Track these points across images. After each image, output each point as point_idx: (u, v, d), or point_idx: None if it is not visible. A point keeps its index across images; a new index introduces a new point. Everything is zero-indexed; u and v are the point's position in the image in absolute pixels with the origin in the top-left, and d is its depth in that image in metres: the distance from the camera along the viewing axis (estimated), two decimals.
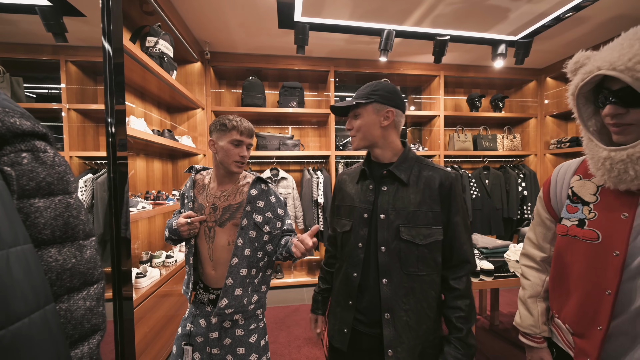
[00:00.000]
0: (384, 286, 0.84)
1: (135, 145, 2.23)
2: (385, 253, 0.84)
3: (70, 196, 0.46)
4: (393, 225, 0.84)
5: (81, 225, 0.47)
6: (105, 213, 1.69)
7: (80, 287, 0.45)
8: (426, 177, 0.85)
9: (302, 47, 2.46)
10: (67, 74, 1.70)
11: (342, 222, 0.94)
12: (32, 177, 0.42)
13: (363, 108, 0.88)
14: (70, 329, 0.43)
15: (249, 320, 1.13)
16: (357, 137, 0.89)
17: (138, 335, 1.53)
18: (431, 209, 0.83)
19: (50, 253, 0.42)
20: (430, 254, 0.83)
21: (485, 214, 3.32)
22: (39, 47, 1.67)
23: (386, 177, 0.88)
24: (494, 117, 3.48)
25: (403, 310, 0.83)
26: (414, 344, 0.83)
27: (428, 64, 3.24)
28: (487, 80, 3.62)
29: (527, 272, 0.89)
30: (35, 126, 0.44)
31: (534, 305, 0.84)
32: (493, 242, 2.02)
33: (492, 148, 3.47)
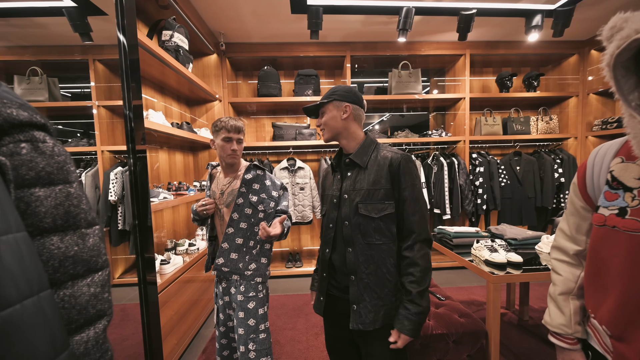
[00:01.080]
0: (349, 254, 1.00)
1: (158, 139, 2.32)
2: (348, 226, 1.00)
3: (71, 185, 0.47)
4: (353, 203, 0.99)
5: (82, 214, 0.48)
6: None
7: (85, 274, 0.47)
8: (379, 159, 1.00)
9: (315, 31, 2.38)
10: (95, 73, 1.78)
11: (324, 208, 1.14)
12: (32, 167, 0.42)
13: (326, 106, 1.05)
14: (75, 314, 0.44)
15: (248, 289, 1.29)
16: (325, 130, 1.06)
17: (164, 317, 1.63)
18: (384, 186, 0.97)
19: (53, 241, 0.43)
20: (385, 225, 0.97)
21: (516, 203, 3.11)
22: (69, 48, 1.76)
23: (349, 164, 1.04)
24: (527, 98, 3.20)
25: (365, 273, 0.98)
26: (375, 303, 0.97)
27: (452, 43, 3.03)
28: (520, 57, 3.31)
29: (558, 267, 0.80)
30: (33, 117, 0.44)
31: (566, 303, 0.76)
32: (523, 233, 1.89)
33: (525, 132, 3.21)
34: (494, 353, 1.40)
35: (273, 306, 2.45)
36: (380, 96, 3.05)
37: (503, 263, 1.48)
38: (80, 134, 1.89)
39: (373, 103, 3.26)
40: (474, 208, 3.05)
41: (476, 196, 3.04)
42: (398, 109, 3.57)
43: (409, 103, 3.36)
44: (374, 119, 4.44)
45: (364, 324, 0.97)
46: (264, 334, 1.27)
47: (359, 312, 0.97)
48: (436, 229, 2.11)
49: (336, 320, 1.09)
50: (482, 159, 3.07)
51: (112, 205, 1.85)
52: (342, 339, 1.12)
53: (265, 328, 1.29)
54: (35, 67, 1.70)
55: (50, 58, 1.75)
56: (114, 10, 1.45)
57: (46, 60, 1.74)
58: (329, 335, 1.16)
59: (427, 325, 1.43)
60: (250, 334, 1.24)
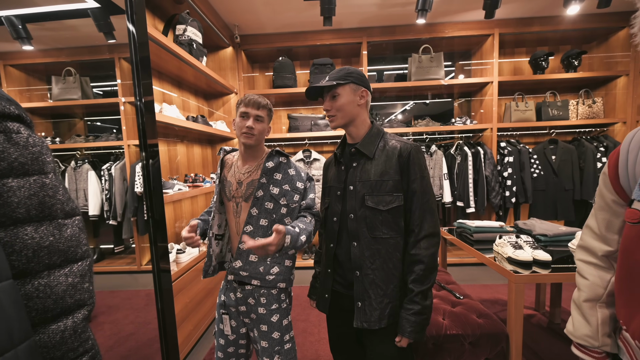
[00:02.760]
0: (354, 248, 0.95)
1: (179, 132, 2.40)
2: (353, 220, 0.95)
3: (46, 176, 0.47)
4: (359, 195, 0.94)
5: (59, 204, 0.48)
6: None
7: (62, 264, 0.47)
8: (388, 150, 0.95)
9: (329, 18, 2.30)
10: (120, 70, 1.85)
11: (325, 200, 1.08)
12: (4, 158, 0.43)
13: (342, 88, 0.94)
14: (51, 303, 0.45)
15: (270, 300, 1.13)
16: (338, 116, 0.96)
17: (179, 305, 1.70)
18: (392, 178, 0.92)
19: (26, 231, 0.44)
20: (393, 218, 0.92)
21: (550, 196, 2.85)
22: (97, 48, 1.84)
23: (355, 153, 0.98)
24: (566, 79, 2.88)
25: (370, 269, 0.93)
26: (381, 300, 0.92)
27: (478, 22, 2.78)
28: (558, 35, 2.97)
29: (584, 270, 0.70)
30: (6, 108, 0.44)
31: (592, 312, 0.67)
32: (555, 229, 1.72)
33: (562, 117, 2.90)
34: (516, 358, 1.29)
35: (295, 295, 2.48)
36: (397, 83, 2.89)
37: (528, 261, 1.35)
38: (115, 129, 1.99)
39: (393, 91, 3.12)
40: (501, 201, 2.84)
41: (504, 188, 2.82)
42: (421, 96, 3.37)
43: (431, 90, 3.17)
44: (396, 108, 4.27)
45: (369, 322, 0.92)
46: (289, 343, 1.16)
47: (364, 309, 0.93)
48: (456, 223, 1.99)
49: (340, 317, 1.05)
50: (511, 148, 2.84)
51: (138, 197, 1.94)
52: (347, 337, 1.07)
53: (291, 337, 1.17)
54: (70, 68, 1.80)
55: (81, 58, 1.84)
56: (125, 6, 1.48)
57: (78, 60, 1.84)
58: (333, 334, 1.12)
59: (441, 324, 1.35)
60: (275, 347, 1.13)
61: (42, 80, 1.78)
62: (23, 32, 1.58)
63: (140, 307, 2.01)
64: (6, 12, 1.54)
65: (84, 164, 1.89)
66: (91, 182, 1.89)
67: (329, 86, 0.94)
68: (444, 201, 2.88)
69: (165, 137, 2.24)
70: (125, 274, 1.94)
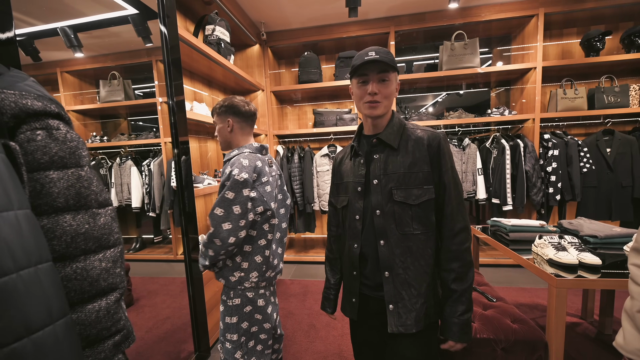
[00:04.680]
0: (382, 247, 0.88)
1: (210, 130, 2.51)
2: (380, 216, 0.88)
3: (82, 169, 0.52)
4: (386, 189, 0.87)
5: (93, 195, 0.52)
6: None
7: (97, 250, 0.51)
8: (414, 139, 0.88)
9: (354, 9, 2.24)
10: (157, 72, 1.97)
11: (341, 198, 0.99)
12: (46, 152, 0.47)
13: (393, 74, 0.86)
14: (87, 285, 0.50)
15: (223, 290, 1.19)
16: (384, 104, 0.87)
17: (208, 292, 1.79)
18: (422, 169, 0.85)
19: (66, 219, 0.49)
20: (423, 212, 0.86)
21: (603, 193, 2.55)
22: (137, 52, 1.98)
23: (377, 145, 0.91)
24: (626, 61, 2.53)
25: (401, 268, 0.86)
26: (415, 301, 0.86)
27: (519, 2, 2.54)
28: (616, 10, 2.61)
29: (638, 275, 0.62)
30: (47, 106, 0.49)
31: None
32: (606, 230, 1.53)
33: (621, 104, 2.57)
34: None
35: (312, 291, 2.50)
36: (427, 74, 2.75)
37: (573, 265, 1.23)
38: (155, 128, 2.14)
39: (424, 82, 2.97)
40: (543, 198, 2.60)
41: (547, 184, 2.58)
42: (454, 87, 3.17)
43: (466, 79, 2.97)
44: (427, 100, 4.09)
45: (405, 326, 0.85)
46: (229, 344, 1.14)
47: (398, 312, 0.86)
48: (490, 221, 1.86)
49: (367, 322, 0.97)
50: (557, 140, 2.58)
51: (174, 191, 2.07)
52: (372, 344, 0.99)
53: (232, 340, 1.14)
54: (115, 72, 1.96)
55: (124, 62, 1.99)
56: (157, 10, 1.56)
57: (122, 64, 1.99)
58: (359, 339, 1.02)
59: None
60: (220, 335, 1.18)
61: (91, 85, 1.94)
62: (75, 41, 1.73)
63: (176, 293, 2.16)
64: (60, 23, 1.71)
65: (127, 160, 2.04)
66: (134, 177, 2.05)
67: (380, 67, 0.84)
68: (477, 197, 2.71)
69: (196, 134, 2.35)
70: (163, 262, 2.09)
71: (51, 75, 1.72)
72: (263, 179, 1.13)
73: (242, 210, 1.05)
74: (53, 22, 1.66)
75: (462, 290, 0.84)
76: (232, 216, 1.04)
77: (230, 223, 1.04)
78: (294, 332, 1.93)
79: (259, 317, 1.18)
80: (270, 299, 1.24)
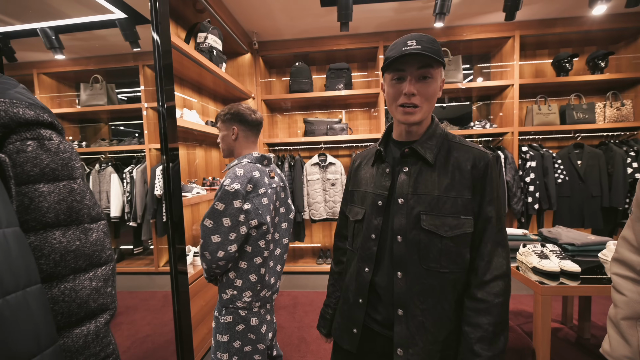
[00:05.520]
0: (398, 280, 0.73)
1: (198, 137, 2.45)
2: (401, 243, 0.73)
3: (75, 181, 0.48)
4: (413, 212, 0.72)
5: (85, 209, 0.49)
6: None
7: (87, 268, 0.47)
8: (456, 157, 0.73)
9: (346, 23, 2.31)
10: (144, 77, 1.92)
11: (355, 209, 0.84)
12: (37, 164, 0.44)
13: (438, 69, 0.70)
14: (76, 307, 0.45)
15: (218, 304, 1.14)
16: (424, 107, 0.71)
17: (195, 307, 1.71)
18: (461, 195, 0.70)
19: (55, 235, 0.44)
20: (456, 248, 0.71)
21: (576, 203, 2.72)
22: (124, 56, 1.92)
23: (408, 156, 0.75)
24: (592, 82, 2.76)
25: (419, 309, 0.71)
26: (430, 349, 0.71)
27: (498, 24, 2.72)
28: (582, 36, 2.87)
29: (621, 285, 0.65)
30: (40, 115, 0.46)
31: (631, 331, 0.61)
32: (583, 238, 1.63)
33: (588, 120, 2.78)
34: None
35: (301, 302, 2.46)
36: None
37: (555, 272, 1.29)
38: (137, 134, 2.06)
39: None
40: (523, 207, 2.73)
41: (526, 194, 2.72)
42: (439, 100, 3.31)
43: (449, 93, 3.12)
44: None
45: None
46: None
47: (406, 358, 0.71)
48: None
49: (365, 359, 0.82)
50: (534, 153, 2.73)
51: (157, 199, 1.99)
52: None
53: (222, 359, 1.08)
54: (97, 75, 1.89)
55: (108, 66, 1.93)
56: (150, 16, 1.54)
57: (105, 68, 1.93)
58: None
59: None
60: (212, 353, 1.13)
61: (71, 88, 1.86)
62: (56, 43, 1.66)
63: (157, 308, 2.05)
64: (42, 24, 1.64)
65: (107, 166, 1.95)
66: (114, 185, 1.96)
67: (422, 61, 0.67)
68: None
69: (184, 141, 2.30)
70: (143, 275, 1.99)
71: (26, 76, 1.63)
72: (260, 190, 1.07)
73: (232, 222, 1.00)
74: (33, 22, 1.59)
75: (487, 358, 0.66)
76: (221, 229, 1.00)
77: (220, 236, 1.00)
78: (283, 347, 1.87)
79: (252, 337, 1.12)
80: (266, 318, 1.17)
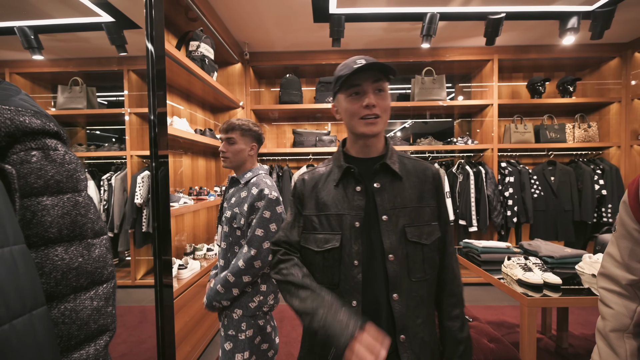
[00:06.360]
0: (396, 303, 0.68)
1: (183, 144, 2.39)
2: (394, 262, 0.69)
3: (79, 194, 0.46)
4: (398, 227, 0.71)
5: (89, 223, 0.46)
6: None
7: (88, 287, 0.45)
8: (416, 169, 0.77)
9: (337, 40, 2.38)
10: (129, 82, 1.86)
11: (321, 237, 0.73)
12: (41, 175, 0.42)
13: (387, 84, 0.73)
14: (75, 330, 0.42)
15: (229, 324, 1.10)
16: (383, 118, 0.72)
17: (179, 323, 1.63)
18: (429, 203, 0.75)
19: (57, 252, 0.42)
20: (432, 253, 0.74)
21: (550, 216, 2.88)
22: (107, 59, 1.86)
23: (380, 172, 0.74)
24: (562, 104, 2.99)
25: (417, 325, 0.70)
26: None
27: (479, 48, 2.91)
28: (553, 62, 3.12)
29: (608, 298, 0.69)
30: (46, 124, 0.44)
31: (620, 342, 0.65)
32: (560, 251, 1.72)
33: (560, 140, 2.99)
34: None
35: (288, 316, 2.40)
36: (404, 103, 2.98)
37: (539, 284, 1.34)
38: (116, 139, 1.98)
39: (395, 110, 3.19)
40: (503, 220, 2.86)
41: (505, 208, 2.85)
42: (421, 115, 3.47)
43: (432, 110, 3.26)
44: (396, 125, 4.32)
45: None
46: None
47: None
48: (462, 243, 1.98)
49: None
50: (512, 169, 2.89)
51: (137, 208, 1.90)
52: None
53: None
54: (77, 78, 1.81)
55: (90, 69, 1.86)
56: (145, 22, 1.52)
57: (86, 71, 1.86)
58: None
59: None
60: None
61: (47, 89, 1.78)
62: (34, 42, 1.59)
63: (133, 324, 1.92)
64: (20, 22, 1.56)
65: None
66: (90, 192, 1.85)
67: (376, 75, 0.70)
68: None
69: (171, 149, 2.23)
70: (119, 289, 1.87)
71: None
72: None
73: (277, 227, 1.08)
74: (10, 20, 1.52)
75: (466, 340, 0.73)
76: (269, 234, 1.06)
77: (269, 241, 1.06)
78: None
79: (266, 347, 1.15)
80: (273, 322, 1.23)
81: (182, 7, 2.07)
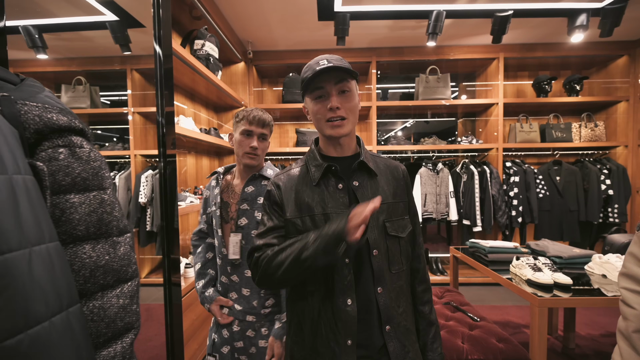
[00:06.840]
0: (380, 296, 0.73)
1: (187, 144, 2.39)
2: (378, 256, 0.73)
3: (105, 192, 0.46)
4: (379, 223, 0.75)
5: (115, 221, 0.47)
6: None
7: (114, 285, 0.45)
8: (387, 166, 0.81)
9: (342, 38, 2.37)
10: (132, 81, 1.86)
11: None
12: (68, 173, 0.42)
13: (353, 83, 0.74)
14: (104, 327, 0.42)
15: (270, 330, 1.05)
16: (350, 119, 0.73)
17: (186, 321, 1.63)
18: (402, 199, 0.80)
19: (85, 249, 0.42)
20: (406, 245, 0.79)
21: (556, 216, 2.86)
22: (110, 59, 1.86)
23: (358, 170, 0.77)
24: (568, 103, 2.96)
25: (400, 315, 0.75)
26: (417, 348, 0.78)
27: (484, 46, 2.89)
28: (560, 60, 3.09)
29: (630, 299, 0.68)
30: (72, 121, 0.44)
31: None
32: (569, 251, 1.71)
33: (566, 139, 2.97)
34: None
35: None
36: (407, 102, 2.96)
37: (549, 284, 1.33)
38: (117, 138, 1.98)
39: (397, 109, 3.18)
40: (507, 220, 2.84)
41: (510, 207, 2.83)
42: (423, 115, 3.46)
43: (435, 109, 3.24)
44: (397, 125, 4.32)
45: None
46: None
47: None
48: (468, 243, 1.97)
49: None
50: (517, 168, 2.87)
51: (141, 207, 1.91)
52: None
53: None
54: (80, 77, 1.81)
55: (93, 68, 1.86)
56: (152, 23, 1.51)
57: (90, 70, 1.85)
58: None
59: (461, 348, 1.31)
60: None
61: (50, 89, 1.77)
62: (39, 42, 1.59)
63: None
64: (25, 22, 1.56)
65: None
66: None
67: (338, 76, 0.70)
68: (449, 219, 2.87)
69: (175, 148, 2.23)
70: None
71: None
72: None
73: None
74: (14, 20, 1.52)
75: (436, 321, 0.82)
76: None
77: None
78: None
79: None
80: None
81: (186, 5, 2.06)
